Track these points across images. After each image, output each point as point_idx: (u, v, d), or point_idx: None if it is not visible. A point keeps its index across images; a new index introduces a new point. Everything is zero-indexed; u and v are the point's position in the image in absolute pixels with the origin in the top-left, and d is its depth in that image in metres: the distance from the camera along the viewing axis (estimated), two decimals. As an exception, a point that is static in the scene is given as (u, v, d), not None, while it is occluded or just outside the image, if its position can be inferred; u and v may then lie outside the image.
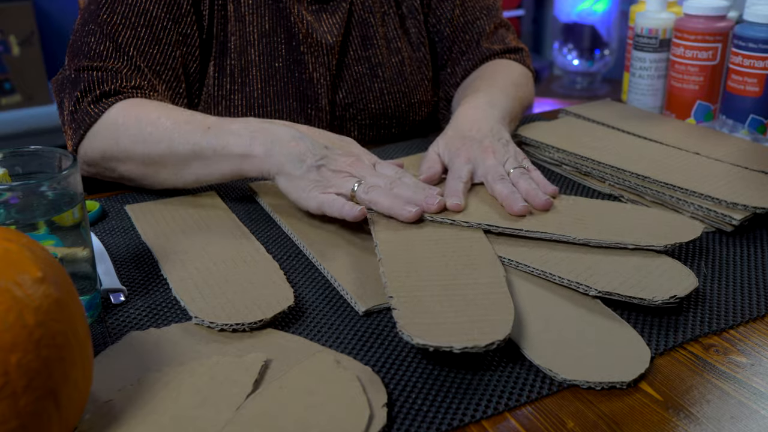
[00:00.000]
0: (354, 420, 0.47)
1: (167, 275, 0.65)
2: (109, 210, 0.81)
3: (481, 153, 0.78)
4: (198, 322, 0.58)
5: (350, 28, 0.98)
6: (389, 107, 1.01)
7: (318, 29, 0.95)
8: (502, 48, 1.06)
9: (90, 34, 0.85)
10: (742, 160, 0.83)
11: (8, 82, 2.41)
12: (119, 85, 0.83)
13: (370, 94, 1.00)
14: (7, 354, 0.39)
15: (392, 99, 1.01)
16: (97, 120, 0.81)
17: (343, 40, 0.97)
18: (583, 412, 0.50)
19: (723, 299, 0.62)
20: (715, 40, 0.99)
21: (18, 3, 2.36)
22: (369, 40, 0.99)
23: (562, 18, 2.77)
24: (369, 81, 0.99)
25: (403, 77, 1.02)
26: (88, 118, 0.81)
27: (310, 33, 0.94)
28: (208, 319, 0.58)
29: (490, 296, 0.57)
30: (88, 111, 0.82)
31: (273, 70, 0.93)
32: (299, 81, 0.95)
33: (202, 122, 0.77)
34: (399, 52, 1.01)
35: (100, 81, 0.82)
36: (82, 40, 0.85)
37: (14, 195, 0.56)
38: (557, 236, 0.66)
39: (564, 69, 2.77)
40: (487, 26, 1.06)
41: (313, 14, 0.95)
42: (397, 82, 1.01)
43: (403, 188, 0.71)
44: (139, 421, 0.47)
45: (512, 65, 1.04)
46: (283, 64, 0.94)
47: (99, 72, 0.83)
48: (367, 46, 0.99)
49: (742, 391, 0.52)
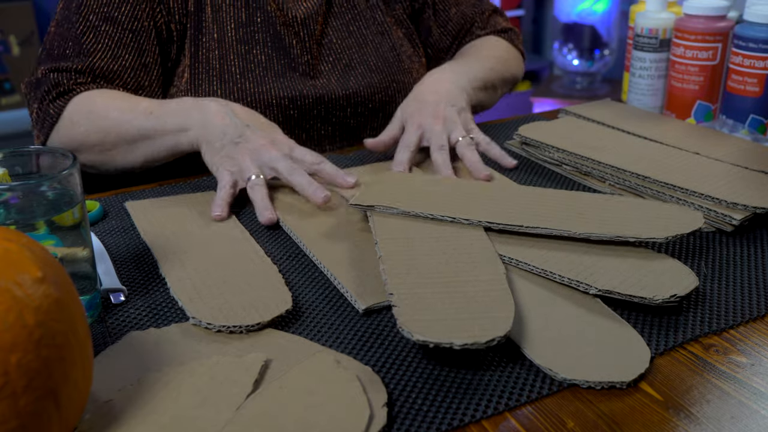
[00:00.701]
0: (354, 420, 0.47)
1: (166, 275, 0.65)
2: (109, 210, 0.81)
3: (431, 119, 0.86)
4: (195, 322, 0.58)
5: (331, 11, 0.99)
6: (378, 90, 1.02)
7: (295, 13, 0.96)
8: (491, 30, 1.10)
9: (60, 36, 0.91)
10: (742, 160, 0.83)
11: (8, 82, 2.41)
12: (74, 83, 0.89)
13: (357, 77, 1.00)
14: (7, 354, 0.39)
15: (381, 81, 1.02)
16: (57, 119, 0.89)
17: (324, 23, 0.99)
18: (583, 412, 0.50)
19: (723, 299, 0.62)
20: (715, 40, 0.99)
21: (18, 3, 2.36)
22: (353, 23, 1.00)
23: (562, 18, 2.77)
24: (356, 64, 1.00)
25: (391, 59, 1.03)
26: (49, 118, 0.89)
27: (288, 17, 0.96)
28: (205, 320, 0.58)
29: (491, 293, 0.57)
30: (48, 111, 0.89)
31: (252, 56, 0.95)
32: (279, 66, 0.96)
33: (145, 108, 0.85)
34: (384, 35, 1.03)
35: (58, 82, 0.89)
36: (54, 42, 0.92)
37: (14, 195, 0.56)
38: (558, 231, 0.66)
39: (564, 69, 2.77)
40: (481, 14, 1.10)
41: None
42: (385, 64, 1.02)
43: (301, 176, 0.77)
44: (139, 421, 0.47)
45: (497, 41, 1.08)
46: (261, 51, 0.95)
47: (58, 73, 0.89)
48: (351, 30, 1.00)
49: (742, 391, 0.52)
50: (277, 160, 0.79)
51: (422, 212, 0.69)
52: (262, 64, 0.95)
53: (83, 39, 0.90)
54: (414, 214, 0.70)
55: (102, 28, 0.90)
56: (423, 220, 0.69)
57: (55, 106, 0.88)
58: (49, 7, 2.54)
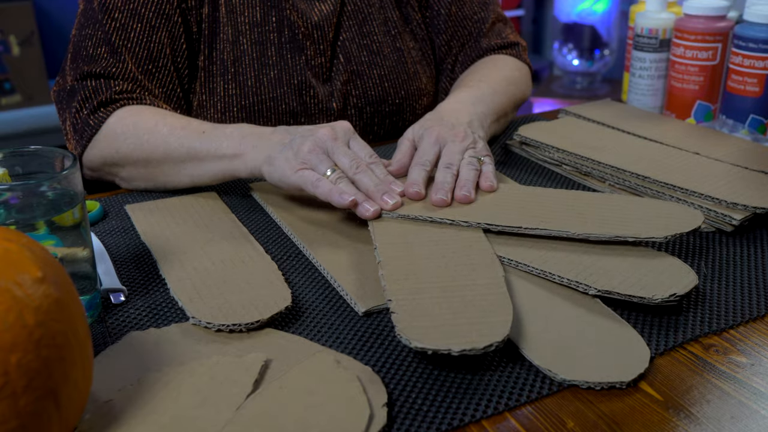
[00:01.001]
0: (354, 420, 0.47)
1: (165, 275, 0.65)
2: (109, 210, 0.81)
3: (451, 135, 0.78)
4: (195, 322, 0.58)
5: (343, 15, 0.98)
6: (389, 95, 1.01)
7: (311, 17, 0.95)
8: (499, 43, 1.07)
9: (87, 38, 0.88)
10: (742, 160, 0.83)
11: (8, 82, 2.41)
12: (115, 93, 0.85)
13: (369, 81, 1.00)
14: (7, 354, 0.39)
15: (391, 86, 1.01)
16: (97, 130, 0.84)
17: (338, 27, 0.98)
18: (583, 412, 0.50)
19: (723, 299, 0.62)
20: (715, 40, 0.99)
21: (18, 3, 2.36)
22: (366, 27, 0.99)
23: (562, 18, 2.77)
24: (368, 68, 0.99)
25: (403, 65, 1.02)
26: (88, 129, 0.85)
27: (303, 21, 0.95)
28: (205, 319, 0.58)
29: (489, 297, 0.57)
30: (88, 122, 0.85)
31: (266, 58, 0.94)
32: (293, 69, 0.95)
33: (197, 128, 0.81)
34: (397, 39, 1.02)
35: (96, 90, 0.85)
36: (81, 44, 0.88)
37: (14, 195, 0.56)
38: (557, 232, 0.66)
39: (564, 69, 2.77)
40: (484, 21, 1.07)
41: (305, 1, 0.96)
42: (396, 70, 1.01)
43: (366, 177, 0.71)
44: (139, 421, 0.47)
45: (507, 60, 1.05)
46: (276, 53, 0.94)
47: (95, 80, 0.86)
48: (364, 33, 0.99)
49: (742, 391, 0.52)
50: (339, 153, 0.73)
51: (421, 215, 0.69)
52: (276, 66, 0.94)
53: (113, 38, 0.87)
54: (413, 218, 0.70)
55: (131, 25, 0.87)
56: (422, 223, 0.69)
57: (96, 117, 0.84)
58: (49, 7, 2.54)
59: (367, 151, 0.75)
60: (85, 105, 0.85)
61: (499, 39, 1.07)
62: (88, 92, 0.85)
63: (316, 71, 0.97)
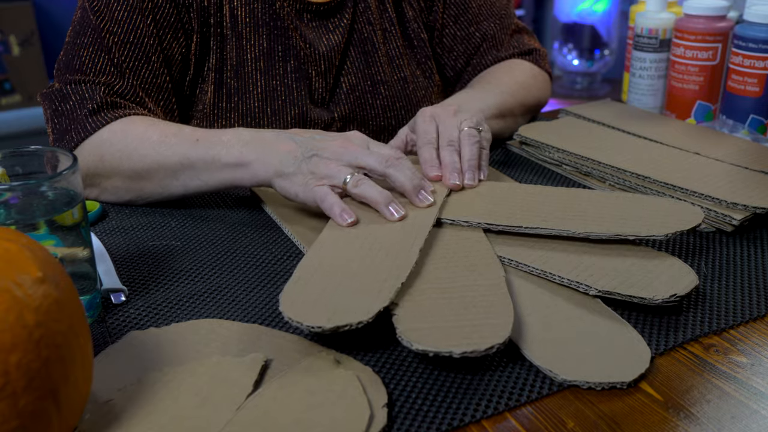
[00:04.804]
0: (354, 420, 0.47)
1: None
2: (109, 210, 0.81)
3: (443, 111, 0.80)
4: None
5: (350, 45, 0.97)
6: (391, 124, 1.00)
7: (318, 46, 0.93)
8: (515, 51, 1.05)
9: (83, 47, 0.83)
10: (742, 160, 0.83)
11: (8, 82, 2.41)
12: (114, 99, 0.82)
13: (371, 111, 0.98)
14: (7, 354, 0.39)
15: (394, 116, 1.00)
16: (89, 136, 0.80)
17: (343, 56, 0.96)
18: (584, 412, 0.50)
19: (723, 299, 0.62)
20: (715, 40, 0.99)
21: (18, 3, 2.36)
22: (370, 57, 0.97)
23: (562, 18, 2.77)
24: (371, 98, 0.98)
25: (406, 94, 1.00)
26: (83, 132, 0.80)
27: (310, 50, 0.93)
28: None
29: (490, 298, 0.57)
30: (85, 125, 0.80)
31: (271, 88, 0.92)
32: (298, 98, 0.93)
33: (190, 135, 0.77)
34: (402, 69, 0.99)
35: (93, 94, 0.81)
36: (75, 53, 0.83)
37: (14, 195, 0.56)
38: (557, 231, 0.66)
39: (564, 69, 2.78)
40: (502, 36, 1.04)
41: (313, 31, 0.94)
42: (400, 99, 0.99)
43: (398, 172, 0.71)
44: (139, 421, 0.47)
45: (521, 64, 1.04)
46: (280, 82, 0.92)
47: (92, 85, 0.82)
48: (369, 63, 0.97)
49: (742, 391, 0.52)
50: (364, 156, 0.71)
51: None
52: (281, 96, 0.92)
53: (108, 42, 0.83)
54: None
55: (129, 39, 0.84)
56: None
57: (92, 122, 0.80)
58: (49, 7, 2.54)
59: (389, 149, 0.74)
60: (81, 108, 0.81)
61: (517, 48, 1.05)
62: (82, 95, 0.81)
63: (318, 99, 0.95)
